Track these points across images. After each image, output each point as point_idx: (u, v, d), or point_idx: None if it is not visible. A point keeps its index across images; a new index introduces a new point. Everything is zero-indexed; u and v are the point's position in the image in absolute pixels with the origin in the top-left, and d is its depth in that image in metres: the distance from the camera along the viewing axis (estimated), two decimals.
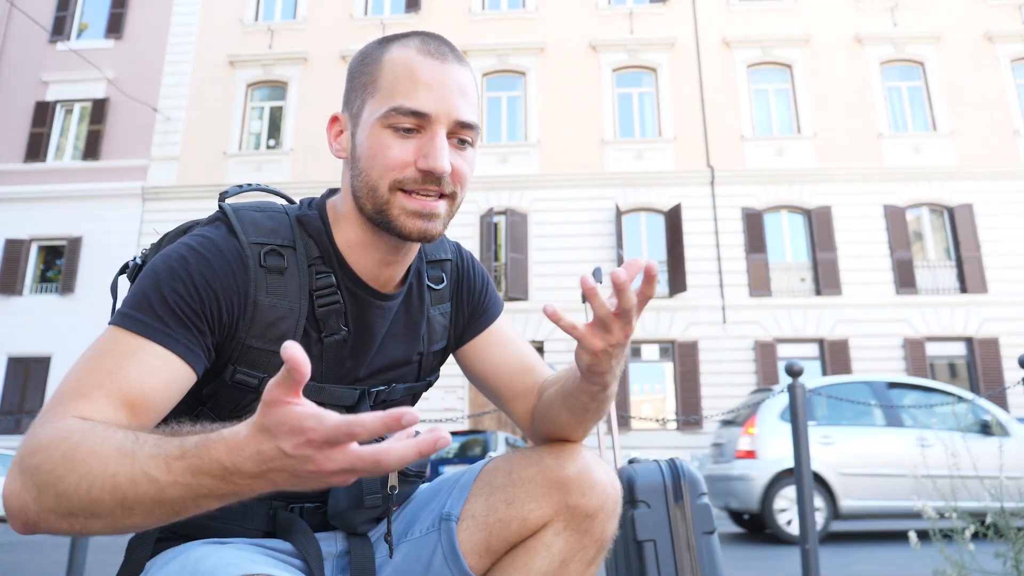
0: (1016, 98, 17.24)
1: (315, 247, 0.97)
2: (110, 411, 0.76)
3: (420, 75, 0.91)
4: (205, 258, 0.89)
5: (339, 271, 0.98)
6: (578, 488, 0.98)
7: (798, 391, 3.46)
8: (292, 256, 0.96)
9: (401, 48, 0.94)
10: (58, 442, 0.69)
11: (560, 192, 17.08)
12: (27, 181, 17.91)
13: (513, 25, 18.44)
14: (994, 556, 2.56)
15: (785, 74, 17.93)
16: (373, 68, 0.95)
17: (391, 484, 0.98)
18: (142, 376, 0.80)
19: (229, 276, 0.89)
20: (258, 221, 0.95)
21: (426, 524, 1.04)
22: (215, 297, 0.88)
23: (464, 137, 0.94)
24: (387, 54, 0.94)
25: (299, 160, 17.63)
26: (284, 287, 0.94)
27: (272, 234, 0.95)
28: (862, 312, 15.97)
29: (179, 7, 19.02)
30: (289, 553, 0.95)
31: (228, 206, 0.97)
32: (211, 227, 0.95)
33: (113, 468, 0.65)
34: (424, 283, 1.08)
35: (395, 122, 0.91)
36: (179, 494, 0.64)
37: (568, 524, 0.99)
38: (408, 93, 0.90)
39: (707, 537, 1.98)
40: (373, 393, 1.03)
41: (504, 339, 1.15)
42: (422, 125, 0.91)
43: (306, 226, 0.98)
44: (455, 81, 0.92)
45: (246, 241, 0.93)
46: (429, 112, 0.90)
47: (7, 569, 5.11)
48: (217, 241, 0.91)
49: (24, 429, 14.85)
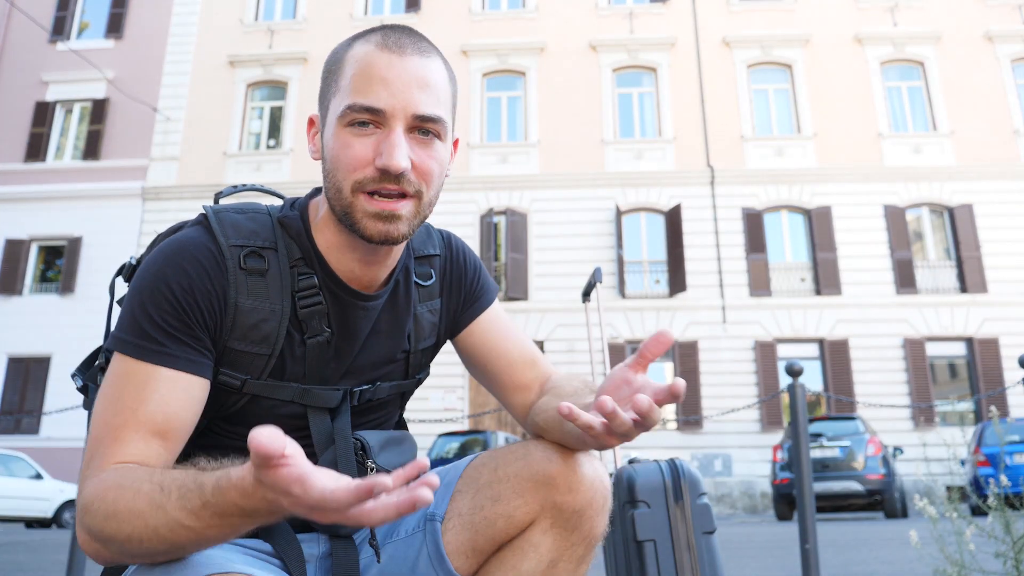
0: (1016, 98, 17.23)
1: (296, 248, 0.97)
2: (143, 446, 0.83)
3: (374, 70, 0.89)
4: (181, 268, 0.89)
5: (321, 272, 0.97)
6: (565, 484, 0.95)
7: (798, 391, 3.46)
8: (274, 257, 0.95)
9: (362, 44, 0.92)
10: (99, 504, 0.76)
11: (560, 192, 17.08)
12: (27, 181, 17.92)
13: (513, 25, 18.44)
14: (994, 556, 2.56)
15: (785, 74, 17.93)
16: (337, 67, 0.94)
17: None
18: (162, 404, 0.85)
19: (205, 281, 0.89)
20: (239, 223, 0.95)
21: (411, 524, 1.01)
22: (195, 304, 0.88)
23: (428, 130, 0.91)
24: (349, 52, 0.93)
25: (299, 160, 17.64)
26: (266, 289, 0.94)
27: (252, 236, 0.95)
28: (862, 312, 15.97)
29: (179, 7, 19.02)
30: (271, 554, 0.94)
31: (209, 208, 0.97)
32: (192, 230, 0.95)
33: (153, 523, 0.72)
34: (411, 280, 1.07)
35: (352, 119, 0.89)
36: (216, 533, 0.71)
37: (555, 522, 0.96)
38: (362, 90, 0.89)
39: (707, 537, 1.98)
40: (357, 393, 1.02)
41: (502, 326, 1.14)
42: (379, 121, 0.89)
43: (287, 227, 0.98)
44: (413, 74, 0.90)
45: (225, 244, 0.92)
46: (383, 108, 0.88)
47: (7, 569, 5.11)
48: (193, 246, 0.91)
49: (24, 429, 14.76)
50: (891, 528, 7.89)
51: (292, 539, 0.95)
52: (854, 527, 8.44)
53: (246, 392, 0.94)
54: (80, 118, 18.59)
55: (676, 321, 16.14)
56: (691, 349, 16.00)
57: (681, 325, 16.11)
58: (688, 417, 6.82)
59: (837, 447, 10.82)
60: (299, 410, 0.98)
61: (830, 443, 10.86)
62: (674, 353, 16.09)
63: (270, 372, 0.95)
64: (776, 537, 6.21)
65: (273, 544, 0.94)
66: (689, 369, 15.89)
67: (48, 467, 14.05)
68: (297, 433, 0.99)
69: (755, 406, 13.97)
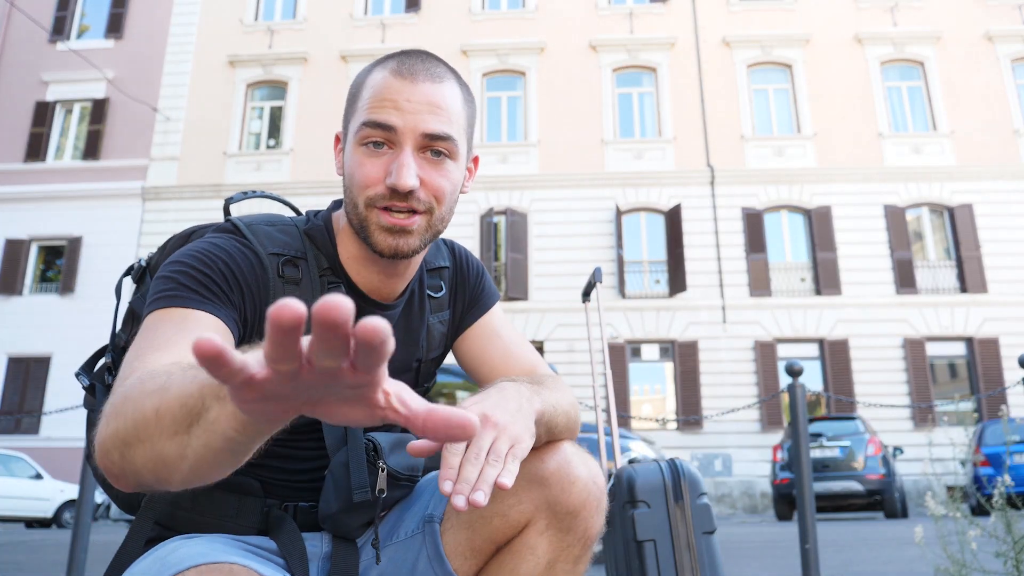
0: (1016, 98, 17.24)
1: (324, 259, 1.01)
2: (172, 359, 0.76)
3: (388, 93, 0.94)
4: (230, 254, 0.92)
5: (345, 283, 1.01)
6: (558, 484, 0.95)
7: (798, 391, 3.46)
8: (305, 267, 0.99)
9: (380, 71, 0.97)
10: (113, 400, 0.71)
11: (560, 192, 17.08)
12: (27, 181, 17.92)
13: (513, 25, 18.44)
14: (995, 556, 2.56)
15: (785, 74, 17.94)
16: (357, 91, 0.99)
17: (379, 488, 0.97)
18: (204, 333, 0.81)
19: (253, 277, 0.93)
20: (271, 234, 0.98)
21: (411, 526, 1.02)
22: (239, 283, 0.91)
23: (439, 149, 0.95)
24: (369, 77, 0.98)
25: (299, 160, 17.64)
26: (300, 298, 0.94)
27: (286, 246, 0.98)
28: (862, 312, 15.97)
29: (179, 7, 19.03)
30: (275, 552, 0.94)
31: (239, 220, 0.99)
32: (224, 236, 0.96)
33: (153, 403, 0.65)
34: (425, 292, 1.10)
35: (365, 137, 0.94)
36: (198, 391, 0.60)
37: (551, 523, 0.96)
38: (375, 109, 0.94)
39: (707, 537, 1.97)
40: None
41: (502, 332, 1.16)
42: (392, 141, 0.94)
43: (314, 239, 1.01)
44: (423, 96, 0.94)
45: (264, 252, 0.95)
46: (394, 125, 0.93)
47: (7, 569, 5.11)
48: (236, 247, 0.94)
49: (24, 429, 14.74)
50: (891, 528, 7.89)
51: (297, 537, 0.95)
52: (854, 527, 8.44)
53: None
54: (80, 118, 18.60)
55: (676, 321, 16.14)
56: (691, 349, 16.00)
57: (681, 325, 16.11)
58: (688, 417, 6.82)
59: (837, 447, 10.83)
60: None
61: (830, 443, 10.86)
62: (674, 353, 16.10)
63: None
64: (776, 537, 6.21)
65: (278, 542, 0.95)
66: (689, 369, 15.89)
67: (48, 467, 14.05)
68: (309, 434, 0.99)
69: (755, 406, 13.97)
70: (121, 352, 1.01)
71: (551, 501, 0.96)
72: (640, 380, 16.35)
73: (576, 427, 1.04)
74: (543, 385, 1.00)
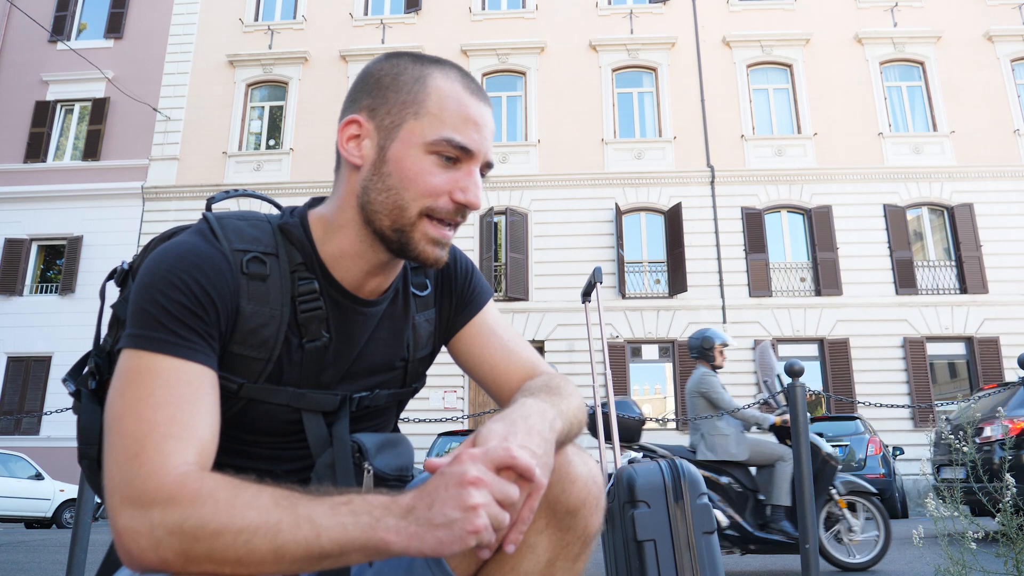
0: (1016, 98, 17.23)
1: (298, 254, 0.98)
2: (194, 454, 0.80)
3: (471, 113, 0.96)
4: (197, 265, 0.89)
5: (321, 278, 0.99)
6: (558, 483, 0.95)
7: (798, 391, 3.46)
8: (274, 263, 0.96)
9: (444, 78, 0.97)
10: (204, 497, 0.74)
11: (560, 192, 17.08)
12: (27, 181, 17.91)
13: (513, 25, 18.44)
14: (995, 556, 2.56)
15: (785, 74, 17.93)
16: (416, 88, 0.96)
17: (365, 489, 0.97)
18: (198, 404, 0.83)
19: (221, 282, 0.90)
20: (240, 229, 0.96)
21: None
22: (212, 303, 0.88)
23: (484, 172, 1.00)
24: (432, 80, 0.96)
25: (299, 160, 17.63)
26: (266, 293, 0.94)
27: (254, 241, 0.96)
28: (862, 312, 15.97)
29: (179, 7, 19.02)
30: None
31: (211, 214, 0.98)
32: (194, 234, 0.95)
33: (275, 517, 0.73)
34: (409, 290, 1.09)
35: (442, 151, 0.94)
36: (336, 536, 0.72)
37: (550, 521, 0.96)
38: (459, 128, 0.95)
39: (707, 537, 1.97)
40: (355, 399, 1.03)
41: (496, 330, 1.14)
42: (462, 159, 0.95)
43: (288, 234, 0.99)
44: (490, 123, 0.99)
45: (228, 248, 0.93)
46: (474, 150, 0.95)
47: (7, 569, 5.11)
48: (201, 248, 0.91)
49: (24, 429, 14.64)
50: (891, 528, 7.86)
51: None
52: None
53: (242, 396, 0.94)
54: (80, 118, 18.59)
55: (676, 321, 16.14)
56: None
57: (681, 325, 16.11)
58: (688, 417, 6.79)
59: (837, 447, 10.82)
60: (295, 414, 0.99)
61: (830, 443, 10.85)
62: (674, 353, 16.10)
63: (267, 376, 0.95)
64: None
65: None
66: (689, 369, 15.88)
67: (48, 467, 14.05)
68: (293, 436, 0.99)
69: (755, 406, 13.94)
70: (107, 357, 1.00)
71: (550, 500, 0.95)
72: (640, 380, 16.35)
73: (582, 429, 1.04)
74: (560, 395, 0.99)
